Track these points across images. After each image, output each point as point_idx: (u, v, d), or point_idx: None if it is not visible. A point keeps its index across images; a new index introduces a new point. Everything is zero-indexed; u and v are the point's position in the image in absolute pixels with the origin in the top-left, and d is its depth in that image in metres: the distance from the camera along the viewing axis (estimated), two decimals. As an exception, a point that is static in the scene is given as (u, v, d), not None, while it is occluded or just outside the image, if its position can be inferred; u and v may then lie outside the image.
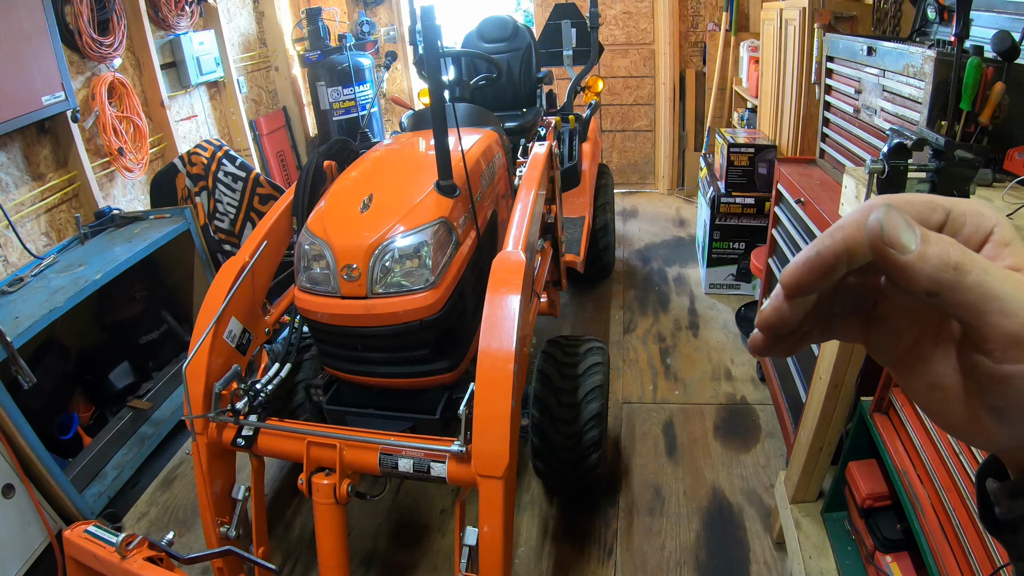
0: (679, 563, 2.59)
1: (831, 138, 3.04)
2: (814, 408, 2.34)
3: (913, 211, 0.39)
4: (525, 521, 2.82)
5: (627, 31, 6.12)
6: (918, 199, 0.40)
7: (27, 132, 3.39)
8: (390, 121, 6.84)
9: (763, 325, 0.43)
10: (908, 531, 1.90)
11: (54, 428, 3.16)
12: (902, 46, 2.30)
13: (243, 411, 2.17)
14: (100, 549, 1.65)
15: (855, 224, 0.39)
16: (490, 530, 1.79)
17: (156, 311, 3.86)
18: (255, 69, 5.65)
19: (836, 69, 2.94)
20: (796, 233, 2.91)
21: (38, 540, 2.63)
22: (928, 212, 0.40)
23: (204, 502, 2.14)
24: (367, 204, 2.29)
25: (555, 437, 2.53)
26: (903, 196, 0.40)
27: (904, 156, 1.75)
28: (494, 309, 1.97)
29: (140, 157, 3.94)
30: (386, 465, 1.98)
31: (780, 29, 3.79)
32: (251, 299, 2.44)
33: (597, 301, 4.59)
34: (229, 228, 3.93)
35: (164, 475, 3.27)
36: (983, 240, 0.40)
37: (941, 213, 0.40)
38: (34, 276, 3.05)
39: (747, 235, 4.29)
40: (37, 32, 3.22)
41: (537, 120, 3.94)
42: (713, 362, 3.82)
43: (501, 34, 4.21)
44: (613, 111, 6.48)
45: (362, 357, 2.31)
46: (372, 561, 2.69)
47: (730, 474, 2.99)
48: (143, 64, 4.23)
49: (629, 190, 6.68)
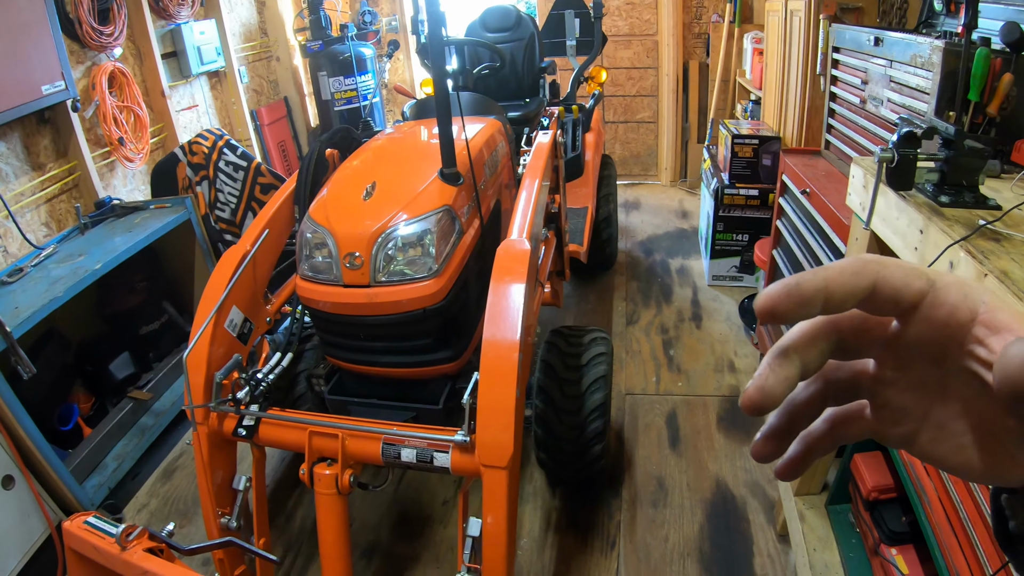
0: (682, 555, 2.58)
1: (836, 129, 3.01)
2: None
3: (901, 274, 0.40)
4: (528, 513, 2.81)
5: (630, 22, 6.08)
6: (907, 265, 0.40)
7: (27, 122, 3.36)
8: (392, 111, 6.81)
9: (747, 405, 0.41)
10: (914, 524, 1.89)
11: (54, 419, 3.15)
12: (910, 36, 2.28)
13: (244, 401, 2.15)
14: (100, 540, 1.63)
15: (839, 269, 0.39)
16: (494, 521, 1.78)
17: (157, 301, 3.84)
18: (256, 59, 5.62)
19: (842, 60, 2.92)
20: (801, 224, 2.89)
21: (38, 531, 2.62)
22: (913, 279, 0.40)
23: (205, 493, 2.13)
24: (370, 192, 2.27)
25: (559, 428, 2.51)
26: (894, 261, 0.40)
27: (914, 145, 1.73)
28: (498, 298, 1.95)
29: (141, 147, 3.92)
30: (389, 455, 1.96)
31: (785, 20, 3.76)
32: (252, 288, 2.42)
33: (600, 292, 4.58)
34: (230, 218, 3.91)
35: (164, 466, 3.26)
36: (973, 310, 0.39)
37: (924, 281, 0.40)
38: (34, 266, 3.03)
39: (751, 227, 4.27)
40: (37, 21, 3.20)
41: (540, 110, 3.92)
42: (716, 354, 3.81)
43: (504, 23, 4.18)
44: (616, 102, 6.45)
45: (364, 346, 2.29)
46: (374, 552, 2.68)
47: (733, 466, 2.98)
48: (144, 54, 4.20)
49: (632, 182, 6.65)
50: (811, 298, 0.39)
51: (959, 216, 1.51)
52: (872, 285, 0.39)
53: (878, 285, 0.39)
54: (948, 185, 1.60)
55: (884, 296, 0.40)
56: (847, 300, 0.39)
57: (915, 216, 1.60)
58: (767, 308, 0.40)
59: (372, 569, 2.62)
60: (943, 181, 1.62)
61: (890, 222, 1.75)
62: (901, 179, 1.66)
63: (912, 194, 1.68)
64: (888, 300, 0.40)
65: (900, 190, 1.69)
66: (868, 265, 0.39)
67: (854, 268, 0.39)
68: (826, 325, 0.43)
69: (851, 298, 0.39)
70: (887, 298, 0.40)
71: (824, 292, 0.39)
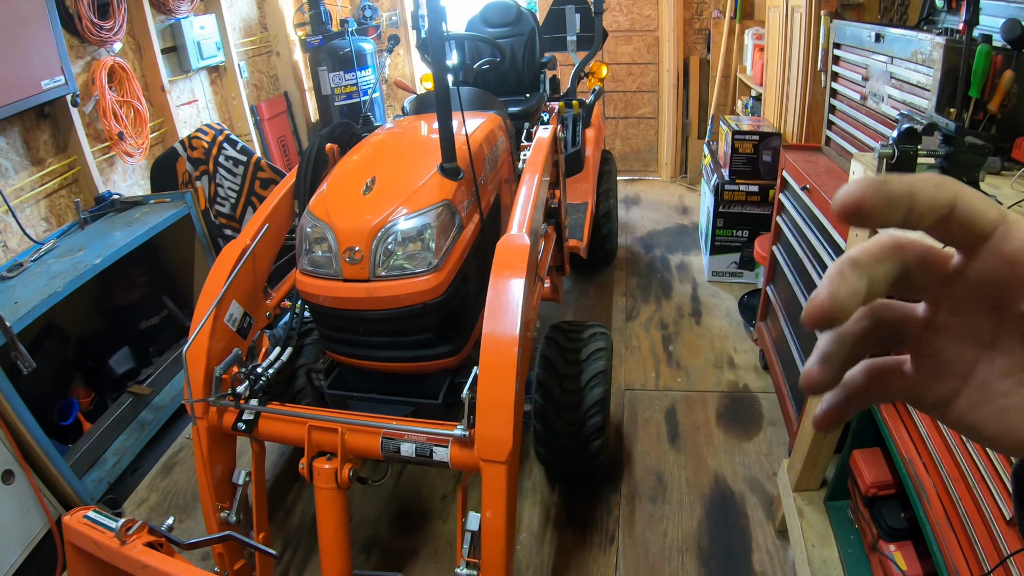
0: (681, 550, 2.58)
1: (837, 125, 3.01)
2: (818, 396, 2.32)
3: (978, 198, 0.38)
4: (527, 508, 2.81)
5: (631, 17, 6.07)
6: (981, 194, 0.39)
7: (26, 117, 3.36)
8: (392, 106, 6.80)
9: (816, 315, 0.38)
10: (912, 520, 1.89)
11: (54, 414, 3.15)
12: (911, 33, 2.28)
13: (244, 395, 2.15)
14: (100, 535, 1.63)
15: (922, 179, 0.37)
16: (493, 515, 1.78)
17: (156, 296, 3.84)
18: (256, 54, 5.61)
19: (843, 56, 2.91)
20: (801, 220, 2.89)
21: (38, 526, 2.62)
22: (989, 206, 0.38)
23: (204, 487, 2.12)
24: (370, 186, 2.27)
25: (558, 423, 2.51)
26: (969, 188, 0.38)
27: (914, 141, 1.73)
28: (498, 292, 1.95)
29: (140, 142, 3.91)
30: (388, 449, 1.96)
31: (786, 16, 3.75)
32: (252, 283, 2.42)
33: (599, 288, 4.58)
34: (230, 212, 3.91)
35: (164, 461, 3.27)
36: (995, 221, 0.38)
37: (998, 213, 0.38)
38: (33, 261, 3.03)
39: (751, 223, 4.26)
40: (36, 16, 3.19)
41: (540, 105, 3.91)
42: (716, 350, 3.81)
43: (505, 19, 4.18)
44: (616, 98, 6.44)
45: (364, 341, 2.29)
46: (373, 547, 2.69)
47: (732, 462, 2.98)
48: (143, 48, 4.19)
49: (632, 177, 6.65)
50: (898, 199, 0.37)
51: (959, 212, 1.51)
52: (953, 201, 0.37)
53: (958, 203, 0.37)
54: (949, 181, 1.60)
55: (960, 217, 0.38)
56: (927, 213, 0.37)
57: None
58: (853, 202, 0.37)
59: (371, 563, 2.62)
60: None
61: (890, 218, 1.75)
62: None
63: (913, 190, 1.67)
64: (963, 222, 0.38)
65: (900, 186, 1.69)
66: (948, 182, 0.38)
67: (936, 181, 0.38)
68: (893, 246, 0.40)
69: (932, 211, 0.37)
70: (962, 220, 0.38)
71: (910, 197, 0.37)
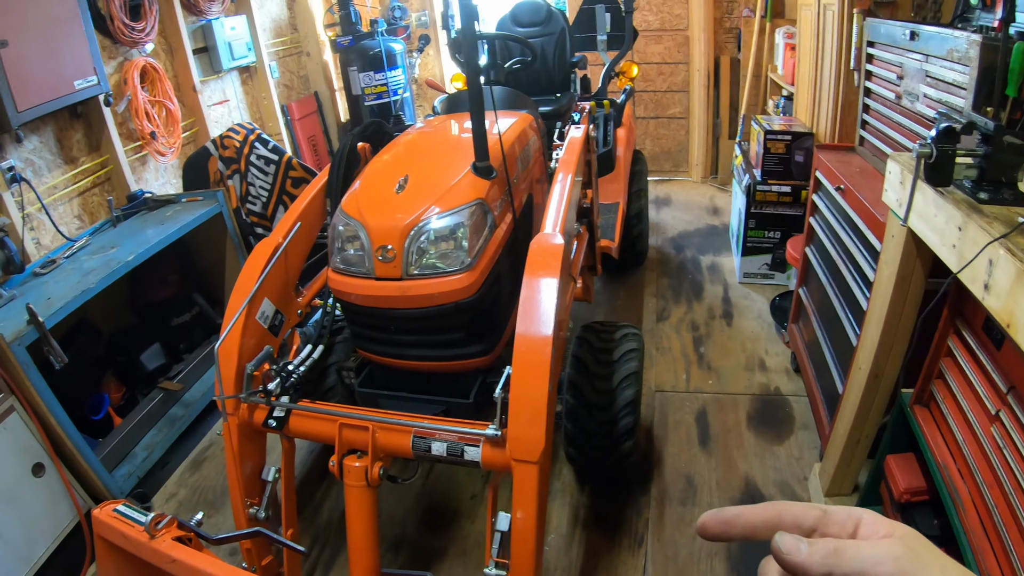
0: (710, 554, 2.55)
1: (871, 125, 2.96)
2: (852, 399, 2.29)
3: (798, 510, 0.53)
4: (556, 508, 2.79)
5: (661, 17, 6.03)
6: (800, 505, 0.53)
7: (60, 116, 3.41)
8: (422, 106, 6.81)
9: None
10: (945, 527, 1.85)
11: (85, 408, 3.19)
12: (946, 30, 2.23)
13: (275, 392, 2.15)
14: (129, 528, 1.64)
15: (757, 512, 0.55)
16: (524, 516, 1.76)
17: (188, 294, 3.88)
18: (286, 54, 5.65)
19: (877, 55, 2.86)
20: (835, 221, 2.85)
21: (67, 519, 2.65)
22: (809, 509, 0.52)
23: (234, 483, 2.13)
24: (402, 185, 2.26)
25: (589, 423, 2.49)
26: (792, 503, 0.54)
27: (953, 140, 1.69)
28: (531, 292, 1.93)
29: (172, 141, 3.95)
30: (419, 448, 1.95)
31: (818, 14, 3.71)
32: (284, 280, 2.42)
33: (630, 288, 4.55)
34: (261, 211, 3.93)
35: (194, 456, 3.29)
36: (856, 525, 0.51)
37: (819, 511, 0.52)
38: (66, 258, 3.06)
39: (783, 224, 4.21)
40: (69, 17, 3.23)
41: (571, 105, 3.89)
42: (747, 352, 3.77)
43: (535, 18, 4.16)
44: (647, 98, 6.40)
45: (395, 340, 2.28)
46: (401, 545, 2.68)
47: (763, 465, 2.94)
48: (175, 49, 4.24)
49: (662, 178, 6.60)
50: (731, 519, 0.55)
51: (998, 213, 1.47)
52: (778, 515, 0.53)
53: (782, 514, 0.53)
54: (987, 181, 1.56)
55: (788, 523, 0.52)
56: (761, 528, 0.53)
57: (953, 213, 1.56)
58: (704, 524, 0.56)
59: (399, 562, 2.62)
60: (982, 177, 1.58)
61: (928, 219, 1.72)
62: (939, 175, 1.63)
63: (950, 190, 1.64)
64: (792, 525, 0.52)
65: (938, 186, 1.66)
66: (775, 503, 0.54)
67: (763, 505, 0.54)
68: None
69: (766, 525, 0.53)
70: (791, 524, 0.52)
71: (741, 517, 0.54)
